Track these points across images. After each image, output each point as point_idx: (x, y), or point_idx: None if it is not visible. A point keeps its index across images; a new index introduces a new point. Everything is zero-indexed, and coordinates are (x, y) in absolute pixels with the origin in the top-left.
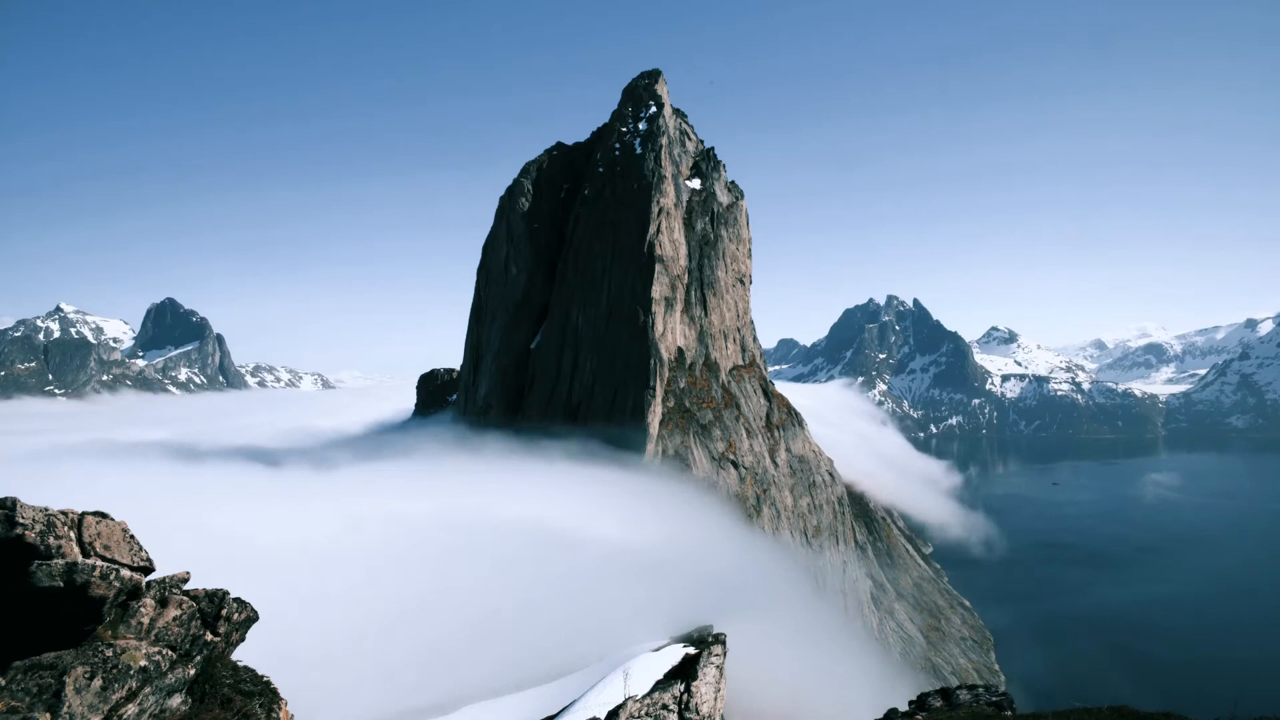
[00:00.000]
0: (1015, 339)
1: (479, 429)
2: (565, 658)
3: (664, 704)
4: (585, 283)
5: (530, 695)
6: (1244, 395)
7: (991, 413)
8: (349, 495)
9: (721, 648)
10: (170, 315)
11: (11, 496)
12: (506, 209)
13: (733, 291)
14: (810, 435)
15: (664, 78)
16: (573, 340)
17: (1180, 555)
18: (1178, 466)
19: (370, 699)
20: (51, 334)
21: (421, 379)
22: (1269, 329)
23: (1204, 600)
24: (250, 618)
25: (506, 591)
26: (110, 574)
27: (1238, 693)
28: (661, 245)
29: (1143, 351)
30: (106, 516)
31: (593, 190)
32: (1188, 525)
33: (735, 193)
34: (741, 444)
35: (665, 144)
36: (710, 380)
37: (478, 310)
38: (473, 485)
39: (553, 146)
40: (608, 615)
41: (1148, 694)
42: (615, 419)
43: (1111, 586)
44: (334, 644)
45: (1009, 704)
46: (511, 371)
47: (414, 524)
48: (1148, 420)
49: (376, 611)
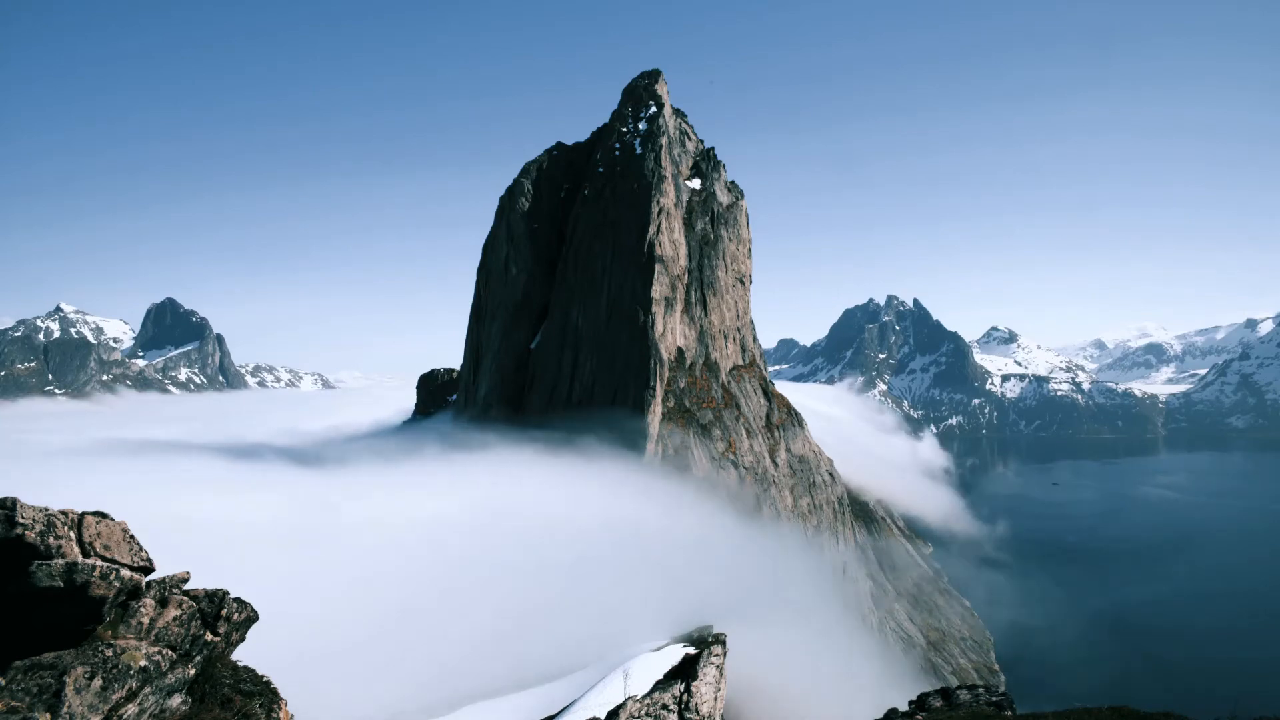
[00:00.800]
0: (1015, 339)
1: (479, 429)
2: (565, 658)
3: (664, 704)
4: (585, 283)
5: (530, 695)
6: (1244, 395)
7: (991, 413)
8: (348, 495)
9: (721, 648)
10: (170, 315)
11: (11, 496)
12: (506, 209)
13: (733, 291)
14: (810, 435)
15: (664, 78)
16: (573, 340)
17: (1180, 555)
18: (1178, 466)
19: (370, 699)
20: (51, 334)
21: (421, 379)
22: (1269, 329)
23: (1204, 600)
24: (250, 618)
25: (506, 591)
26: (110, 574)
27: (1238, 693)
28: (661, 245)
29: (1143, 351)
30: (106, 516)
31: (593, 190)
32: (1188, 525)
33: (735, 193)
34: (741, 444)
35: (665, 144)
36: (710, 380)
37: (478, 310)
38: (472, 485)
39: (553, 146)
40: (608, 615)
41: (1148, 694)
42: (615, 419)
43: (1111, 586)
44: (334, 644)
45: (1009, 704)
46: (511, 371)
47: (414, 524)
48: (1148, 420)
49: (377, 612)
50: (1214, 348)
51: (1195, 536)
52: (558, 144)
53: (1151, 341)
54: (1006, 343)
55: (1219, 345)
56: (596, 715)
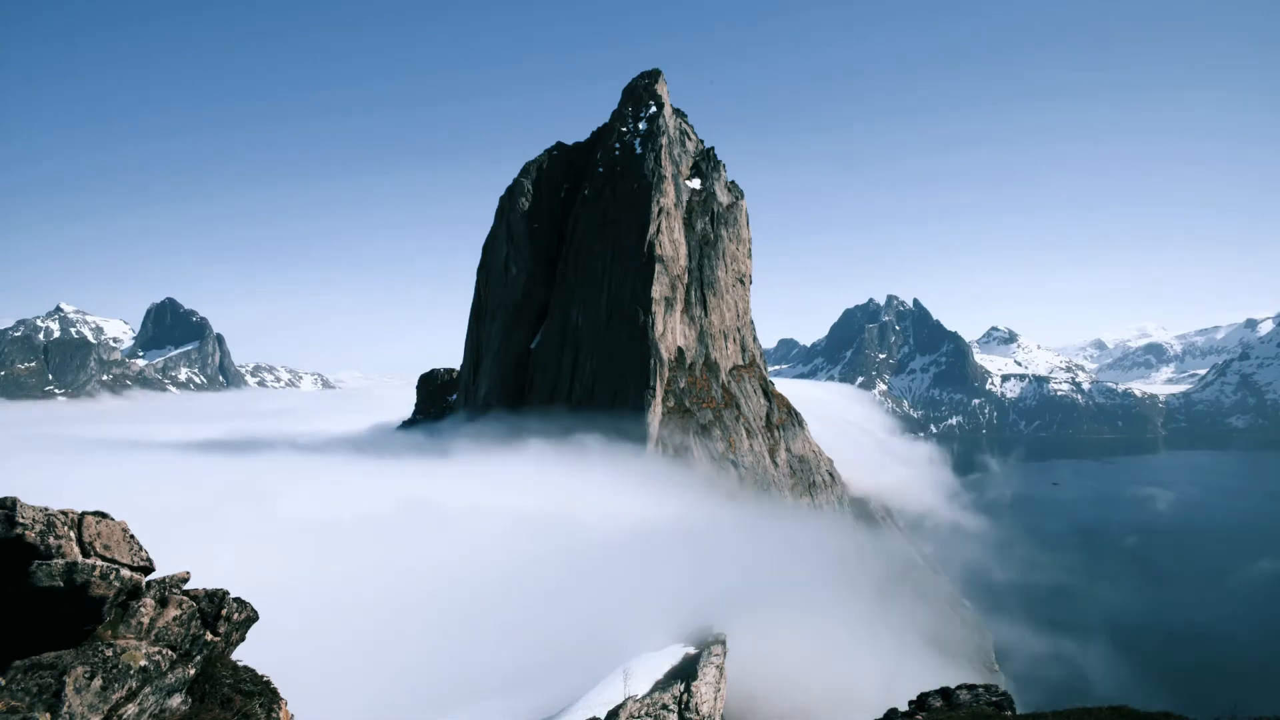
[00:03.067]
0: (1015, 339)
1: (479, 429)
2: (565, 658)
3: (664, 704)
4: (585, 283)
5: (531, 695)
6: (1244, 395)
7: (991, 413)
8: (348, 495)
9: (721, 648)
10: (170, 315)
11: (11, 496)
12: (506, 209)
13: (733, 291)
14: (810, 435)
15: (664, 77)
16: (573, 340)
17: (1180, 555)
18: (1178, 466)
19: (370, 698)
20: (51, 334)
21: (421, 379)
22: (1269, 329)
23: (1204, 600)
24: (250, 617)
25: (507, 591)
26: (110, 574)
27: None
28: (661, 245)
29: (1143, 351)
30: (106, 516)
31: (593, 190)
32: (1188, 525)
33: (735, 192)
34: (741, 444)
35: (665, 144)
36: (710, 380)
37: (478, 310)
38: (471, 486)
39: (553, 146)
40: (608, 615)
41: (1147, 694)
42: (615, 419)
43: (1111, 586)
44: (334, 644)
45: (1009, 704)
46: (511, 371)
47: (414, 524)
48: (1148, 420)
49: (377, 611)
50: (1214, 348)
51: (1195, 536)
52: (558, 144)
53: (1151, 341)
54: (1006, 343)
55: (1219, 345)
56: (596, 715)
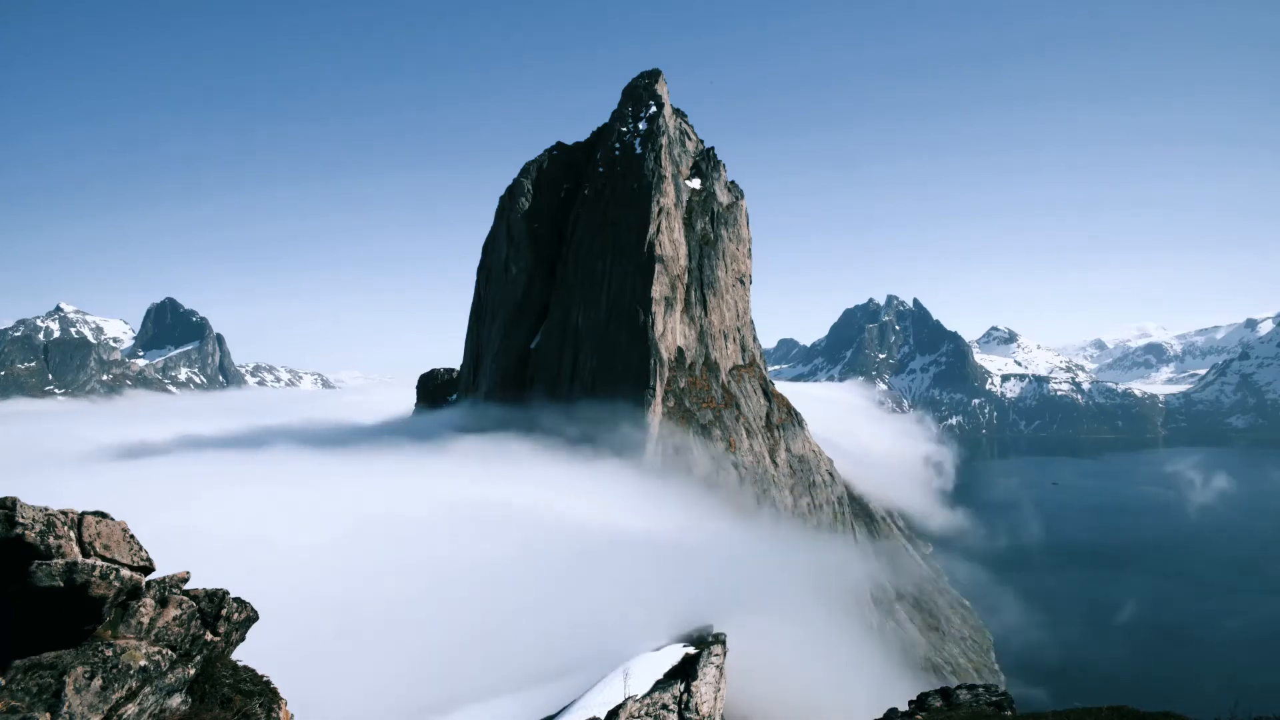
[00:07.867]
0: (1015, 339)
1: (478, 429)
2: (565, 658)
3: (664, 704)
4: (585, 282)
5: (530, 695)
6: (1244, 395)
7: (991, 413)
8: (347, 496)
9: (721, 648)
10: (170, 315)
11: (12, 496)
12: (506, 209)
13: (733, 291)
14: (810, 435)
15: (664, 78)
16: (573, 340)
17: (1180, 555)
18: (1177, 466)
19: (370, 699)
20: (51, 334)
21: (421, 379)
22: (1269, 329)
23: (1204, 599)
24: (250, 617)
25: (507, 592)
26: (110, 574)
27: (1238, 693)
28: (661, 245)
29: (1143, 351)
30: (106, 516)
31: (593, 190)
32: (1187, 525)
33: (735, 192)
34: (741, 444)
35: (665, 144)
36: (710, 380)
37: (478, 310)
38: (470, 486)
39: (553, 146)
40: (608, 615)
41: (1148, 694)
42: (615, 418)
43: (1111, 586)
44: (334, 644)
45: (1009, 704)
46: (511, 371)
47: (414, 524)
48: (1148, 420)
49: (377, 611)
50: (1214, 348)
51: (1195, 536)
52: (558, 144)
53: (1151, 341)
54: (1006, 343)
55: (1219, 345)
56: (596, 715)
